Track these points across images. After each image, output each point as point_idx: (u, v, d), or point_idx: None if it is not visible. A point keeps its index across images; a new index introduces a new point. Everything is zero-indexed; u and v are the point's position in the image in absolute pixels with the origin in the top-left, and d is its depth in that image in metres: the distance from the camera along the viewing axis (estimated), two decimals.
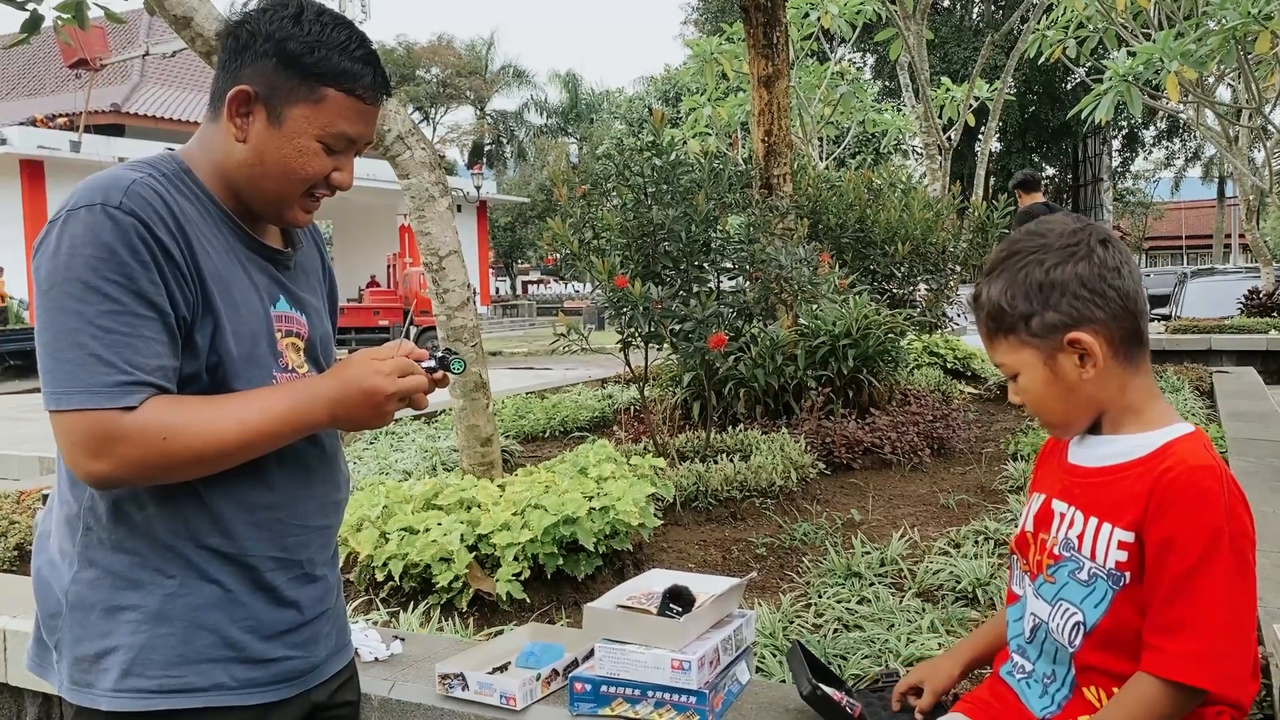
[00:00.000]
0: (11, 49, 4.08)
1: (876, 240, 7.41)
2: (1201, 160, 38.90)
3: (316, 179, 1.48)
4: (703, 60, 12.83)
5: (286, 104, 1.44)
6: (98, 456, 1.32)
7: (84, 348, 1.30)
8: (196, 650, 1.43)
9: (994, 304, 1.47)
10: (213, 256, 1.43)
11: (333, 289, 1.79)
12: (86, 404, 1.30)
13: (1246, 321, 11.58)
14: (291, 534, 1.52)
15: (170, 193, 1.41)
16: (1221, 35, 7.61)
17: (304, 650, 1.55)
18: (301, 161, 1.46)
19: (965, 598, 3.05)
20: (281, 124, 1.44)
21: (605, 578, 3.26)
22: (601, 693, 1.97)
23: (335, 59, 1.43)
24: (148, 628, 1.41)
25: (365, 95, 1.47)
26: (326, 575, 1.62)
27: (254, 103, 1.44)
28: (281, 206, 1.50)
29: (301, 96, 1.43)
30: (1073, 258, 1.43)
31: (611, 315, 4.68)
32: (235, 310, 1.45)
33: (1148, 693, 1.35)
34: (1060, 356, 1.43)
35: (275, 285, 1.55)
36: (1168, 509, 1.35)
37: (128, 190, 1.35)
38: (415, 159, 3.92)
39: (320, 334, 1.64)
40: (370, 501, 3.41)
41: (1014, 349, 1.47)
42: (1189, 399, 6.52)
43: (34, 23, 4.44)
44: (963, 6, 33.77)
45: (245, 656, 1.47)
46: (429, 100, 44.72)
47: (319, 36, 1.43)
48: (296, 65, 1.42)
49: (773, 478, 4.32)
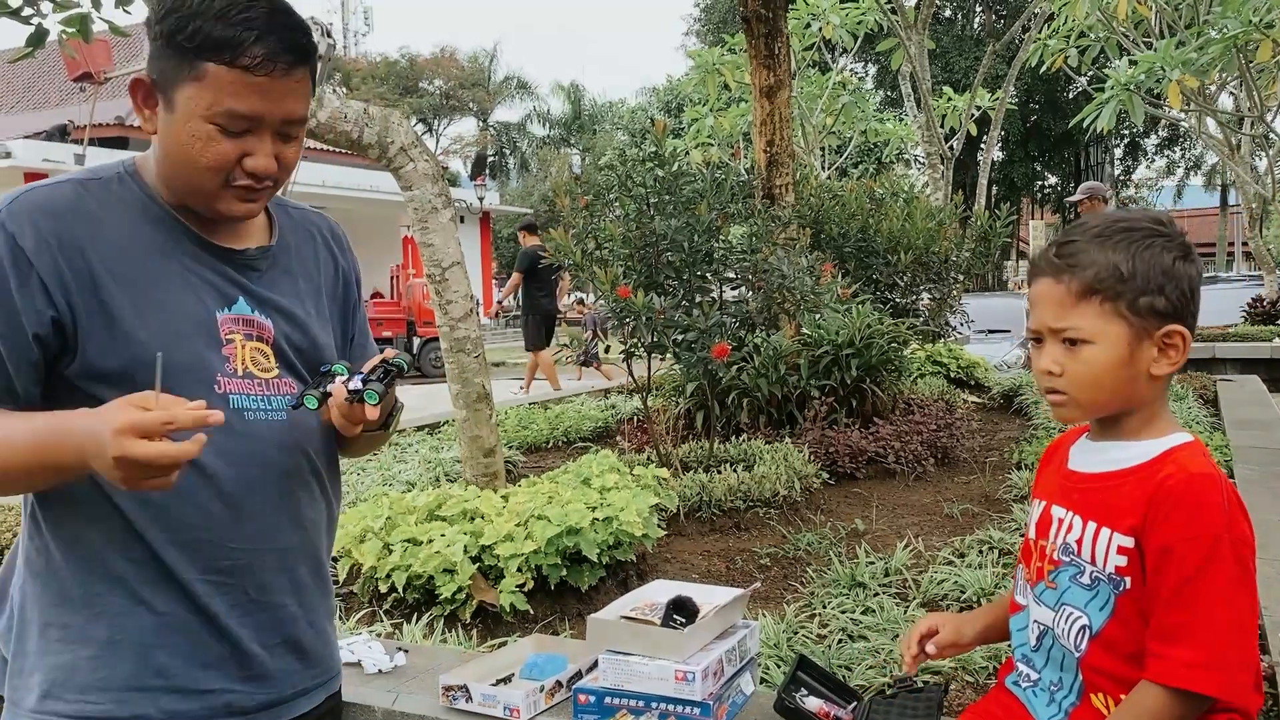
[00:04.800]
0: (16, 63, 4.11)
1: (879, 249, 7.42)
2: (1204, 169, 38.90)
3: (222, 165, 1.34)
4: (705, 71, 12.88)
5: (174, 87, 1.31)
6: None
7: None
8: (120, 676, 1.34)
9: (1111, 267, 1.40)
10: (130, 260, 1.35)
11: (347, 289, 1.65)
12: None
13: (1250, 329, 11.58)
14: (228, 556, 1.39)
15: (87, 198, 1.35)
16: (1223, 44, 7.62)
17: (251, 685, 1.42)
18: (198, 147, 1.32)
19: (970, 607, 3.04)
20: (173, 109, 1.32)
21: (609, 589, 3.25)
22: (605, 704, 1.97)
23: (209, 27, 1.28)
24: (71, 648, 1.33)
25: (252, 65, 1.29)
26: (286, 603, 1.47)
27: (155, 92, 1.34)
28: (206, 198, 1.38)
29: (183, 75, 1.30)
30: (1188, 258, 1.43)
31: (614, 325, 4.68)
32: (153, 311, 1.35)
33: (1152, 701, 1.34)
34: (1146, 343, 1.42)
35: (233, 286, 1.44)
36: (1168, 516, 1.35)
37: (15, 199, 1.32)
38: (418, 171, 3.93)
39: (297, 339, 1.50)
40: (373, 513, 3.41)
41: (1105, 316, 1.41)
42: (1193, 407, 6.51)
43: (39, 37, 4.46)
44: (964, 16, 33.86)
45: (175, 686, 1.36)
46: (432, 112, 44.81)
47: (196, 8, 1.29)
48: (173, 43, 1.30)
49: (776, 487, 4.31)
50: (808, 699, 1.95)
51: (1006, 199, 31.97)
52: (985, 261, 8.63)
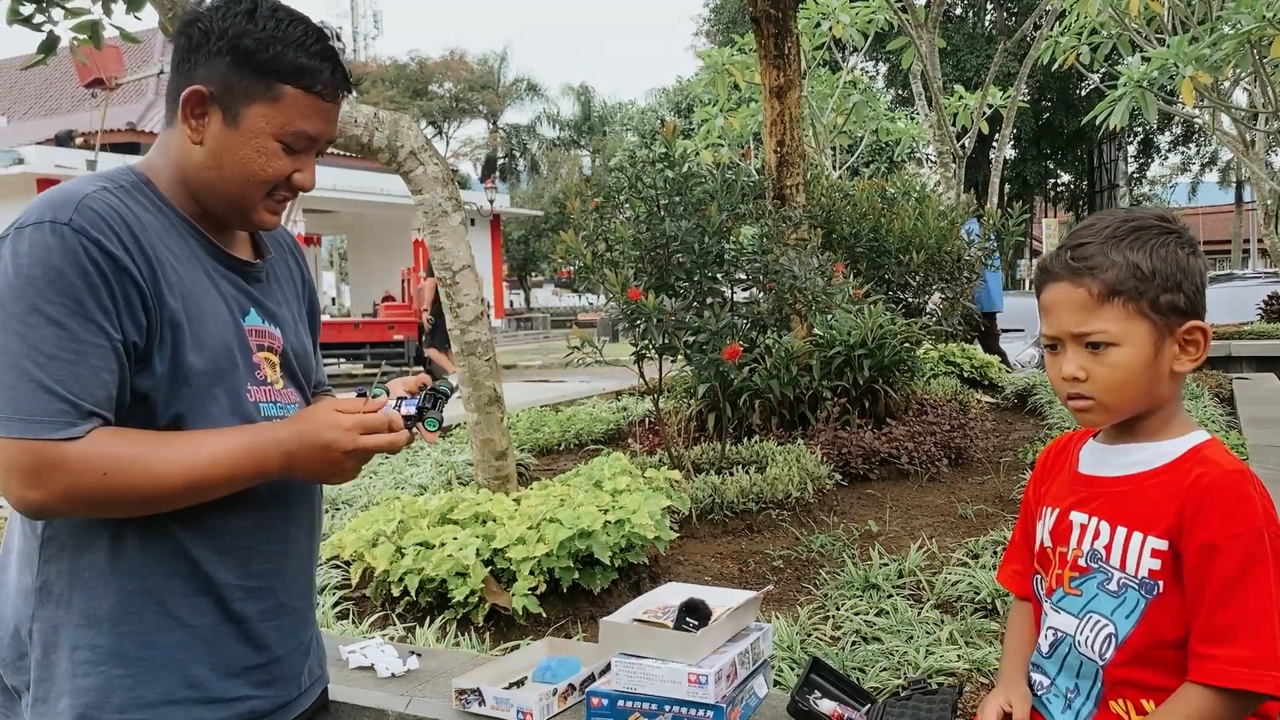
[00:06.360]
0: (28, 70, 4.14)
1: (891, 249, 7.39)
2: (1218, 165, 38.68)
3: (278, 180, 1.42)
4: (715, 71, 12.86)
5: (243, 103, 1.37)
6: (32, 485, 1.25)
7: (26, 373, 1.24)
8: (156, 692, 1.35)
9: (1131, 266, 1.38)
10: (176, 268, 1.37)
11: (313, 302, 1.71)
12: (25, 433, 1.24)
13: (1266, 327, 11.48)
14: (260, 560, 1.45)
15: (128, 205, 1.35)
16: (1236, 39, 7.57)
17: (271, 690, 1.47)
18: (261, 162, 1.40)
19: (984, 609, 3.03)
20: (239, 124, 1.38)
21: (621, 591, 3.24)
22: (618, 707, 1.96)
23: (291, 55, 1.37)
24: (104, 668, 1.34)
25: (324, 92, 1.41)
26: (303, 605, 1.55)
27: (209, 103, 1.38)
28: (245, 210, 1.44)
29: (258, 95, 1.37)
30: (1197, 253, 1.42)
31: (625, 327, 4.67)
32: (202, 322, 1.38)
33: (1201, 702, 1.32)
34: (1169, 341, 1.40)
35: (245, 298, 1.48)
36: (1207, 515, 1.33)
37: (78, 206, 1.29)
38: (428, 174, 3.93)
39: (296, 348, 1.56)
40: (386, 516, 3.41)
41: (1129, 318, 1.38)
42: (1208, 405, 6.46)
43: (50, 44, 4.49)
44: (975, 14, 33.77)
45: (207, 697, 1.39)
46: (442, 115, 44.94)
47: (274, 32, 1.37)
48: (251, 62, 1.36)
49: (789, 489, 4.30)
50: (821, 701, 1.94)
51: (1019, 197, 31.97)
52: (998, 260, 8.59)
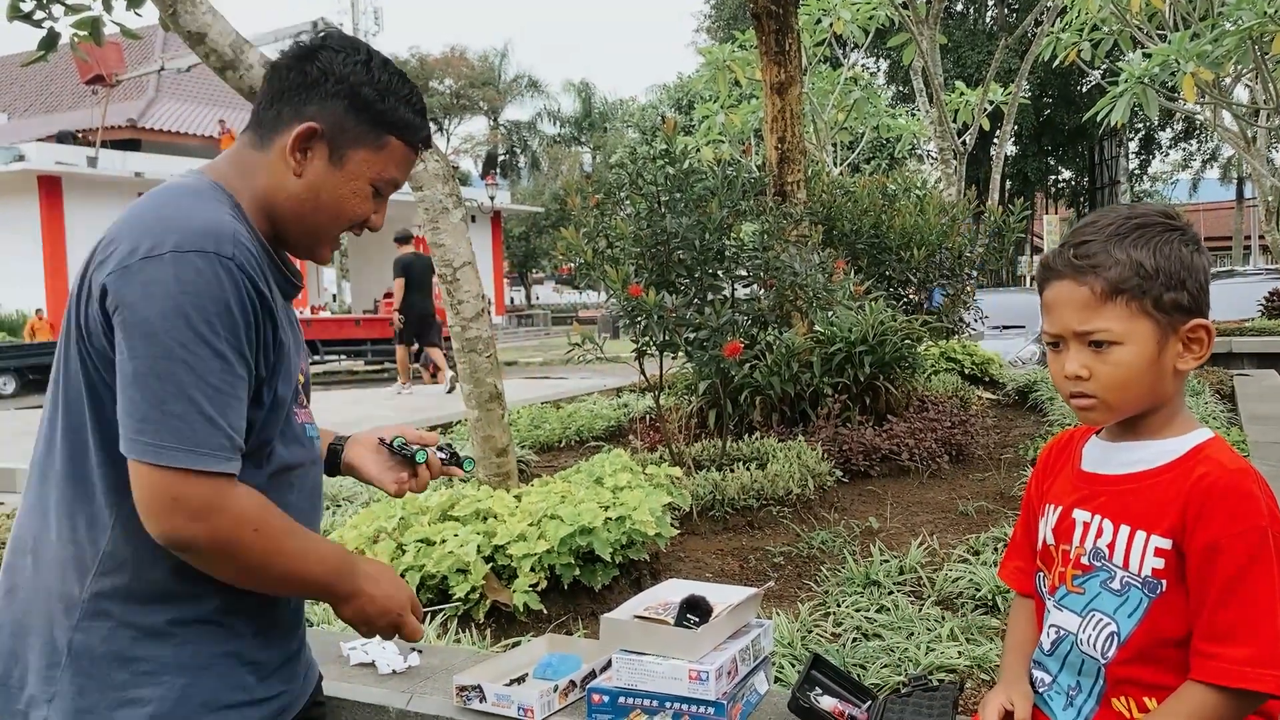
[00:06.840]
0: (28, 67, 4.13)
1: (892, 246, 7.39)
2: (1219, 161, 38.65)
3: (361, 220, 1.52)
4: (715, 68, 12.85)
5: (351, 146, 1.46)
6: (198, 519, 1.28)
7: (194, 404, 1.27)
8: (217, 698, 1.41)
9: (1134, 264, 1.37)
10: (278, 300, 1.42)
11: None
12: (194, 464, 1.27)
13: (1267, 324, 11.48)
14: None
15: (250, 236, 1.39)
16: (1237, 36, 7.57)
17: (294, 683, 1.55)
18: (355, 203, 1.49)
19: (985, 605, 3.03)
20: (343, 165, 1.46)
21: (622, 588, 3.25)
22: (619, 704, 1.96)
23: (402, 110, 1.47)
24: (168, 678, 1.37)
25: (418, 146, 1.53)
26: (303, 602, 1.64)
27: (317, 140, 1.44)
28: (320, 242, 1.52)
29: (367, 141, 1.46)
30: (1200, 250, 1.41)
31: (626, 324, 4.67)
32: (289, 351, 1.45)
33: (1203, 701, 1.32)
34: (1172, 339, 1.39)
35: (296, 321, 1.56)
36: (1210, 514, 1.33)
37: (235, 241, 1.33)
38: (429, 171, 3.93)
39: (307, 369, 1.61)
40: (386, 513, 3.41)
41: (1133, 316, 1.38)
42: (1210, 402, 6.46)
43: (51, 40, 4.49)
44: (976, 10, 33.72)
45: (255, 698, 1.45)
46: (442, 111, 44.91)
47: (389, 86, 1.46)
48: (369, 111, 1.45)
49: (790, 486, 4.30)
50: (822, 698, 1.94)
51: (1020, 194, 31.95)
52: (999, 257, 8.59)
